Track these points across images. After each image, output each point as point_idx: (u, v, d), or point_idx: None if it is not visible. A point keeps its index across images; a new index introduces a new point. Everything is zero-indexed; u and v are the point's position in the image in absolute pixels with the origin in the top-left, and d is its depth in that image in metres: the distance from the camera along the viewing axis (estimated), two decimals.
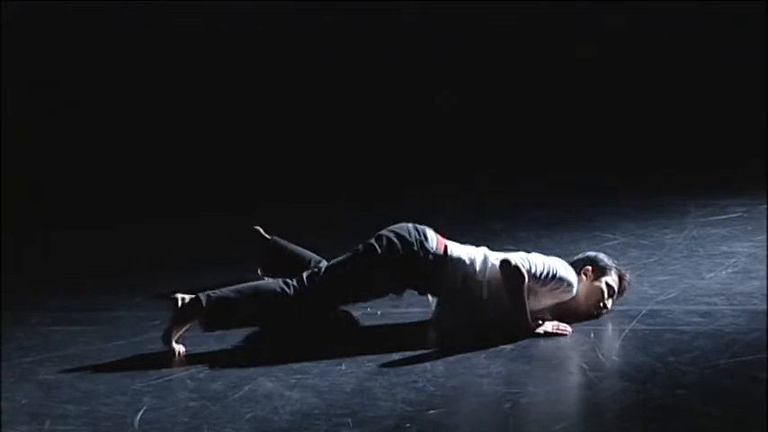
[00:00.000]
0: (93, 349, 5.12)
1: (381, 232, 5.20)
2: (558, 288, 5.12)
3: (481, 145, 9.11)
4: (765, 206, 7.00)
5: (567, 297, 5.17)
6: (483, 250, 5.24)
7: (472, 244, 5.56)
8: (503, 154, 8.92)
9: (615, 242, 6.50)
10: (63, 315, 5.64)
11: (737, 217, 6.86)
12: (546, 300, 5.18)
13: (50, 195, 8.29)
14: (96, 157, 8.84)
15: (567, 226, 6.94)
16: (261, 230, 5.75)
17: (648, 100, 9.40)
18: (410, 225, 5.23)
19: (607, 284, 5.19)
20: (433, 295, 5.26)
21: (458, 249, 5.20)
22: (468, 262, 5.14)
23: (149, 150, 9.00)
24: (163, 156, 8.95)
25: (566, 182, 8.11)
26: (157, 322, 5.35)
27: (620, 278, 5.24)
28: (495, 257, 5.17)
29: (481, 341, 4.99)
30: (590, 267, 5.23)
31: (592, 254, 5.32)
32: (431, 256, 5.12)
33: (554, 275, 5.09)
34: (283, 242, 5.73)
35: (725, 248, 6.24)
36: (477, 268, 5.13)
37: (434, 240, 5.18)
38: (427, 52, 9.54)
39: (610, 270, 5.22)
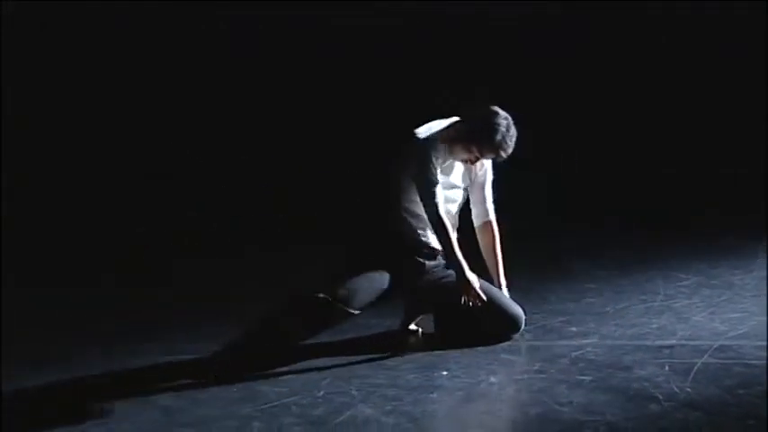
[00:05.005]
0: (205, 377, 5.22)
1: None
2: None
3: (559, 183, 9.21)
4: None
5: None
6: None
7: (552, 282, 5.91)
8: (587, 193, 9.09)
9: (688, 282, 6.61)
10: (175, 346, 5.74)
11: None
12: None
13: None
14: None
15: (642, 266, 7.02)
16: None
17: (720, 139, 9.47)
18: None
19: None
20: None
21: None
22: None
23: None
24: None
25: (643, 223, 8.20)
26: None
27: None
28: None
29: None
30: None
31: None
32: None
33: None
34: None
35: None
36: None
37: None
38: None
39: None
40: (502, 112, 5.49)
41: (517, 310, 5.69)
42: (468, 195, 5.81)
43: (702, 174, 9.23)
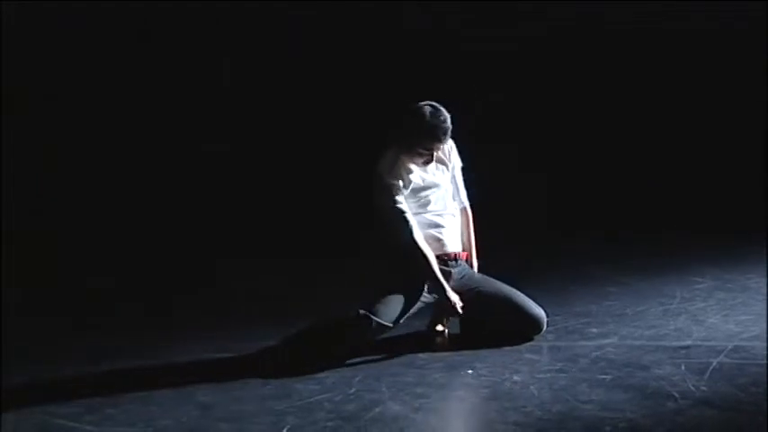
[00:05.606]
0: (243, 375, 5.34)
1: None
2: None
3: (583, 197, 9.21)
4: None
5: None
6: None
7: (573, 286, 6.01)
8: (606, 201, 9.09)
9: (704, 285, 6.72)
10: (216, 345, 5.83)
11: None
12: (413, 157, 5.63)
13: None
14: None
15: (660, 271, 7.11)
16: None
17: (739, 144, 9.43)
18: None
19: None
20: None
21: None
22: None
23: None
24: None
25: (661, 231, 8.28)
26: None
27: None
28: None
29: None
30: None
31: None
32: None
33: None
34: None
35: None
36: None
37: None
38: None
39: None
40: (421, 103, 5.60)
41: (539, 311, 5.79)
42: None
43: (718, 180, 9.27)
